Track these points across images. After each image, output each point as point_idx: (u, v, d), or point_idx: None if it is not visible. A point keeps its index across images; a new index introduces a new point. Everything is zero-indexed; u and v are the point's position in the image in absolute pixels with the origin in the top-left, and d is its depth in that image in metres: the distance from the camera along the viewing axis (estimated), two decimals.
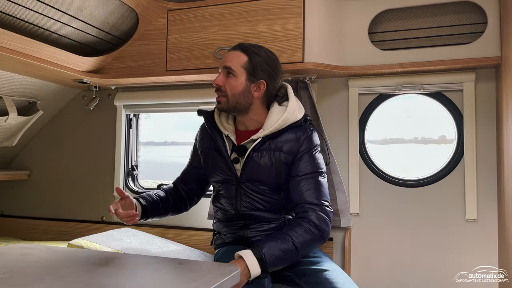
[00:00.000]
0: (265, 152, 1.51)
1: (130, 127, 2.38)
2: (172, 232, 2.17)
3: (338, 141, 1.96)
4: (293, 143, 1.51)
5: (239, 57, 1.50)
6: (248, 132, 1.56)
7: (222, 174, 1.57)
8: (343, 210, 1.87)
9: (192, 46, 1.96)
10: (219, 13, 1.92)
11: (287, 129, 1.52)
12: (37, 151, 2.52)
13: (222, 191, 1.60)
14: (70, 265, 1.20)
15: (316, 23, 1.79)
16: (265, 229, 1.55)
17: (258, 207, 1.54)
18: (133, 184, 2.37)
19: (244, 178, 1.53)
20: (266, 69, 1.51)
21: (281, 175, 1.51)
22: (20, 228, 2.48)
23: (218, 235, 1.67)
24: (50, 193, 2.48)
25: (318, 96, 1.98)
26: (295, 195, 1.49)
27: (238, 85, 1.49)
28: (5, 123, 2.02)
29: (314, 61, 1.78)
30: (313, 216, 1.43)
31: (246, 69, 1.49)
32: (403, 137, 2.06)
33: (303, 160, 1.51)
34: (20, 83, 2.02)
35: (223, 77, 1.52)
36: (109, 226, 2.28)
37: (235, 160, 1.54)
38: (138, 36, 2.05)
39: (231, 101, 1.50)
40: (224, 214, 1.61)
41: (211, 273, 1.14)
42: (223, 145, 1.55)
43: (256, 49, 1.52)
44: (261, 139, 1.50)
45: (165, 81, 2.11)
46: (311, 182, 1.48)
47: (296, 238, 1.38)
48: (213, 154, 1.58)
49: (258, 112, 1.55)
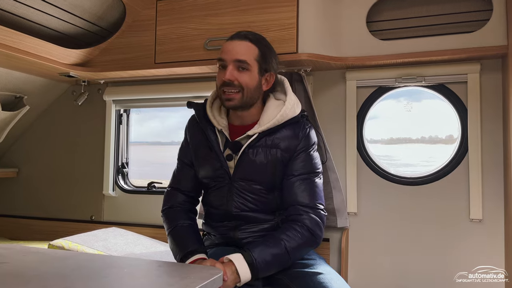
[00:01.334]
0: (261, 149, 1.40)
1: (120, 123, 2.30)
2: (162, 232, 2.07)
3: (335, 137, 1.86)
4: (291, 140, 1.41)
5: (251, 48, 1.38)
6: (243, 127, 1.45)
7: (213, 171, 1.44)
8: (339, 209, 1.77)
9: (182, 37, 1.87)
10: (210, 2, 1.83)
11: (284, 125, 1.42)
12: (26, 148, 2.45)
13: (213, 190, 1.48)
14: (41, 267, 1.12)
15: (311, 11, 1.70)
16: (257, 230, 1.45)
17: (250, 207, 1.43)
18: (123, 182, 2.29)
19: (237, 176, 1.42)
20: (273, 60, 1.43)
21: (277, 173, 1.41)
22: (8, 227, 2.41)
23: (207, 235, 1.58)
24: (39, 191, 2.40)
25: (313, 90, 1.89)
26: (289, 195, 1.40)
27: (253, 79, 1.38)
28: None
29: (308, 51, 1.68)
30: (307, 219, 1.35)
31: (258, 62, 1.39)
32: (410, 137, 1.97)
33: (300, 159, 1.41)
34: (3, 77, 1.95)
35: (234, 71, 1.37)
36: (98, 226, 2.21)
37: (228, 157, 1.43)
38: (126, 28, 1.97)
39: (246, 97, 1.38)
40: (214, 214, 1.49)
41: (190, 277, 1.06)
42: (215, 141, 1.43)
43: (261, 39, 1.43)
44: (257, 135, 1.40)
45: (154, 75, 2.02)
46: (306, 183, 1.39)
47: (288, 242, 1.30)
48: (204, 150, 1.46)
49: (258, 106, 1.46)
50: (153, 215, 2.15)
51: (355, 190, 1.83)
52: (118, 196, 2.25)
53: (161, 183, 2.23)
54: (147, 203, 2.18)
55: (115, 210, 2.24)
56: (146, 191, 2.22)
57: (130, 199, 2.22)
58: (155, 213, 2.14)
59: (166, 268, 1.15)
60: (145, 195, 2.21)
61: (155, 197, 2.17)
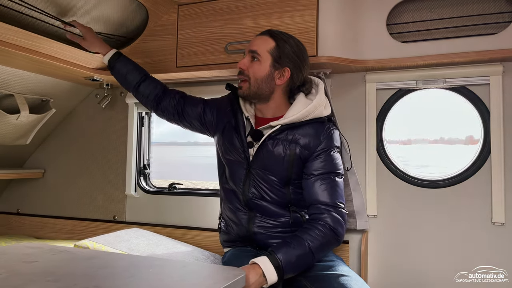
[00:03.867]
0: (280, 142, 1.45)
1: (142, 125, 2.35)
2: (182, 232, 2.12)
3: (355, 139, 1.86)
4: (312, 138, 1.45)
5: (267, 41, 1.47)
6: (266, 119, 1.52)
7: (236, 154, 1.52)
8: (359, 212, 1.77)
9: (203, 41, 1.90)
10: (231, 6, 1.85)
11: (309, 123, 1.46)
12: (51, 150, 2.52)
13: (232, 172, 1.54)
14: (69, 266, 1.16)
15: (331, 15, 1.70)
16: (271, 224, 1.49)
17: (264, 197, 1.48)
18: (144, 183, 2.33)
19: (255, 164, 1.48)
20: (293, 57, 1.46)
21: (293, 169, 1.46)
22: (35, 226, 2.49)
23: (224, 224, 1.62)
24: (64, 192, 2.47)
25: (333, 92, 1.90)
26: (310, 195, 1.43)
27: (262, 70, 1.45)
28: (17, 121, 2.02)
29: (328, 54, 1.69)
30: (328, 218, 1.37)
31: (272, 55, 1.45)
32: (428, 137, 1.95)
33: (320, 159, 1.44)
34: (32, 81, 2.02)
35: (247, 60, 1.48)
36: (121, 226, 2.26)
37: (250, 144, 1.50)
38: (148, 32, 2.01)
39: (253, 86, 1.47)
40: (231, 197, 1.55)
41: (214, 277, 1.09)
42: (242, 125, 1.51)
43: (285, 36, 1.49)
44: (280, 127, 1.45)
45: (176, 78, 2.06)
46: (327, 182, 1.42)
47: (311, 242, 1.32)
48: (232, 132, 1.54)
49: (278, 102, 1.51)
50: (173, 215, 2.20)
51: (375, 193, 1.82)
52: (140, 197, 2.29)
53: (181, 184, 2.27)
54: (168, 204, 2.23)
55: (137, 210, 2.29)
56: (167, 192, 2.26)
57: (151, 200, 2.27)
58: (176, 213, 2.20)
59: (190, 268, 1.18)
60: (166, 196, 2.25)
61: (175, 198, 2.21)
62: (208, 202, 2.13)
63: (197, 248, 1.87)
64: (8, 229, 2.54)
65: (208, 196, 2.14)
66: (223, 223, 1.64)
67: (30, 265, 1.13)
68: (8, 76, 1.90)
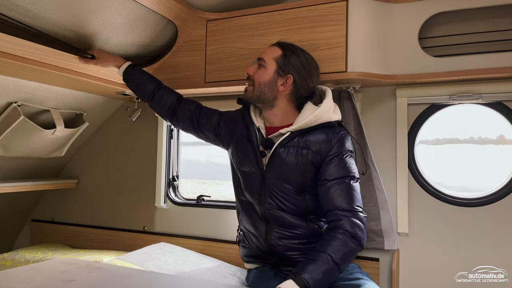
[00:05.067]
0: (292, 148, 1.46)
1: (171, 137, 2.39)
2: (210, 245, 2.14)
3: (384, 155, 1.83)
4: (323, 144, 1.45)
5: (274, 50, 1.54)
6: (276, 128, 1.54)
7: (250, 165, 1.54)
8: (387, 231, 1.73)
9: (231, 56, 1.91)
10: (259, 22, 1.86)
11: (318, 128, 1.47)
12: (84, 161, 2.60)
13: (247, 183, 1.56)
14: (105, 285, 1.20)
15: (360, 29, 1.68)
16: (289, 235, 1.48)
17: (281, 206, 1.48)
18: (173, 194, 2.37)
19: (268, 173, 1.49)
20: (298, 66, 1.51)
21: (307, 175, 1.45)
22: (68, 234, 2.57)
23: (243, 236, 1.63)
24: (96, 202, 2.54)
25: (362, 107, 1.87)
26: (326, 201, 1.42)
27: (265, 75, 1.51)
28: (53, 135, 2.10)
29: (358, 70, 1.67)
30: (347, 223, 1.36)
31: (276, 62, 1.51)
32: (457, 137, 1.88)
33: (333, 164, 1.44)
34: (67, 96, 2.09)
35: (254, 67, 1.57)
36: (150, 236, 2.31)
37: (262, 154, 1.52)
38: (177, 48, 2.04)
39: (256, 90, 1.53)
40: (248, 209, 1.56)
41: None
42: (254, 136, 1.54)
43: (293, 47, 1.55)
44: (290, 134, 1.46)
45: (204, 93, 2.09)
46: (343, 187, 1.41)
47: (334, 254, 1.31)
48: (245, 144, 1.57)
49: (284, 109, 1.53)
50: (201, 227, 2.22)
51: (406, 210, 1.78)
52: (169, 208, 2.33)
53: (209, 196, 2.29)
54: (196, 216, 2.25)
55: (166, 222, 2.33)
56: (195, 204, 2.28)
57: (180, 211, 2.30)
58: (204, 225, 2.22)
59: None
60: (195, 208, 2.27)
61: (204, 210, 2.24)
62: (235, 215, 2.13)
63: (223, 263, 1.88)
64: (43, 236, 2.63)
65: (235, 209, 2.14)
66: (241, 236, 1.65)
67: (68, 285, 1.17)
68: (44, 93, 1.98)
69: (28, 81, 1.84)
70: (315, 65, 1.57)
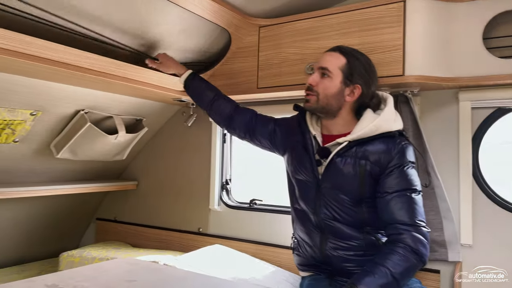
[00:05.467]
0: (349, 158, 1.42)
1: (224, 142, 2.44)
2: (262, 248, 2.16)
3: (446, 162, 1.73)
4: (383, 154, 1.39)
5: (338, 58, 1.47)
6: (333, 136, 1.50)
7: (306, 173, 1.51)
8: (451, 242, 1.64)
9: (283, 62, 1.92)
10: (311, 26, 1.85)
11: (378, 138, 1.41)
12: (143, 164, 2.73)
13: (302, 192, 1.54)
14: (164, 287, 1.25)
15: (419, 31, 1.61)
16: (344, 247, 1.44)
17: (336, 217, 1.44)
18: (227, 197, 2.42)
19: (324, 183, 1.46)
20: (363, 74, 1.45)
21: (365, 187, 1.40)
22: (128, 233, 2.71)
23: (297, 244, 1.61)
24: (154, 203, 2.66)
25: (421, 111, 1.79)
26: (386, 214, 1.37)
27: (332, 86, 1.45)
28: (115, 140, 2.23)
29: (416, 73, 1.60)
30: (408, 238, 1.30)
31: (342, 71, 1.45)
32: None
33: (393, 176, 1.37)
34: (128, 103, 2.21)
35: (317, 77, 1.49)
36: (205, 238, 2.38)
37: (318, 163, 1.48)
38: (231, 55, 2.08)
39: (321, 101, 1.47)
40: (303, 217, 1.54)
41: None
42: (310, 144, 1.51)
43: (355, 53, 1.48)
44: (348, 143, 1.42)
45: (256, 98, 2.11)
46: (404, 200, 1.35)
47: (393, 268, 1.26)
48: (301, 151, 1.54)
49: (345, 118, 1.49)
50: (254, 231, 2.24)
51: (470, 220, 1.68)
52: (222, 211, 2.38)
53: (261, 200, 2.31)
54: (249, 219, 2.28)
55: (220, 224, 2.38)
56: (248, 207, 2.31)
57: (233, 214, 2.35)
58: (256, 229, 2.24)
59: None
60: (247, 211, 2.30)
61: (256, 214, 2.26)
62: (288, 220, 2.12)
63: (278, 269, 1.89)
64: (107, 234, 2.81)
65: (287, 214, 2.14)
66: (295, 243, 1.64)
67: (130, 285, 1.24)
68: (108, 101, 2.11)
69: (93, 90, 1.97)
70: (375, 68, 1.52)
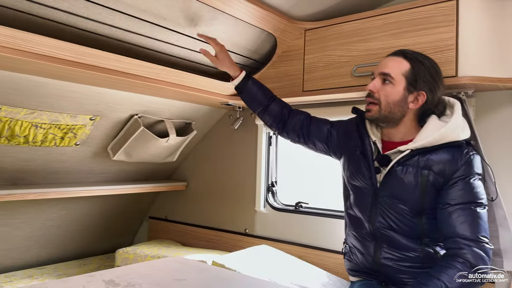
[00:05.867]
0: (411, 168, 1.36)
1: (270, 144, 2.46)
2: (308, 252, 2.16)
3: (503, 167, 1.63)
4: (448, 164, 1.32)
5: (401, 63, 1.38)
6: (394, 143, 1.44)
7: (362, 180, 1.47)
8: (507, 250, 1.55)
9: (329, 65, 1.91)
10: (358, 28, 1.82)
11: (443, 147, 1.34)
12: (192, 166, 2.83)
13: (358, 199, 1.50)
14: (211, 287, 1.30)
15: (473, 30, 1.54)
16: (400, 257, 1.39)
17: (393, 227, 1.39)
18: (272, 199, 2.44)
19: (382, 191, 1.41)
20: (429, 80, 1.37)
21: (426, 198, 1.34)
22: (178, 232, 2.82)
23: (349, 250, 1.58)
24: (203, 203, 2.75)
25: (476, 113, 1.70)
26: (446, 227, 1.30)
27: (394, 93, 1.38)
28: (166, 143, 2.33)
29: (470, 74, 1.53)
30: (469, 253, 1.24)
31: (406, 77, 1.37)
32: None
33: (458, 188, 1.30)
34: (178, 108, 2.30)
35: (378, 83, 1.41)
36: (251, 239, 2.42)
37: (377, 170, 1.43)
38: (277, 58, 2.10)
39: (384, 110, 1.40)
40: (356, 224, 1.50)
41: None
42: (370, 150, 1.46)
43: (420, 57, 1.40)
44: (410, 152, 1.36)
45: (302, 101, 2.11)
46: (467, 213, 1.28)
47: (449, 283, 1.21)
48: (358, 156, 1.49)
49: (408, 125, 1.42)
50: (300, 233, 2.25)
51: None
52: (268, 213, 2.41)
53: (307, 204, 2.31)
54: (294, 222, 2.29)
55: (265, 226, 2.41)
56: (294, 210, 2.32)
57: (279, 217, 2.36)
58: (302, 232, 2.24)
59: None
60: (293, 214, 2.31)
61: (302, 217, 2.26)
62: (334, 224, 2.12)
63: (324, 272, 1.88)
64: (158, 232, 2.94)
65: (333, 218, 2.13)
66: (347, 249, 1.61)
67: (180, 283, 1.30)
68: (159, 106, 2.21)
69: (146, 95, 2.08)
70: (441, 72, 1.41)
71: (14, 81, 1.63)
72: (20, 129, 1.82)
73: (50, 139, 1.96)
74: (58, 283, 1.29)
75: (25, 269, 2.36)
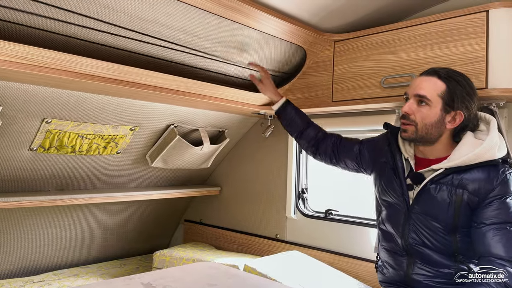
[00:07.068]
0: (445, 186, 1.35)
1: (301, 152, 2.51)
2: (339, 259, 2.19)
3: None
4: (483, 183, 1.31)
5: (436, 84, 1.36)
6: (427, 160, 1.44)
7: (394, 196, 1.48)
8: None
9: (358, 76, 1.93)
10: (387, 40, 1.84)
11: (478, 166, 1.33)
12: (225, 171, 2.93)
13: (390, 215, 1.51)
14: None
15: (504, 41, 1.52)
16: (433, 274, 1.39)
17: (426, 243, 1.39)
18: (303, 206, 2.49)
19: (415, 209, 1.41)
20: (465, 98, 1.35)
21: (460, 216, 1.34)
22: (212, 235, 2.93)
23: (382, 264, 1.59)
24: (235, 208, 2.84)
25: (508, 125, 1.67)
26: (480, 246, 1.30)
27: (431, 115, 1.37)
28: (201, 151, 2.44)
29: (501, 86, 1.51)
30: (503, 273, 1.23)
31: (442, 98, 1.35)
32: None
33: (493, 207, 1.30)
34: (211, 117, 2.40)
35: (413, 105, 1.39)
36: (282, 244, 2.48)
37: (409, 187, 1.44)
38: (306, 69, 2.15)
39: (421, 131, 1.39)
40: (389, 239, 1.52)
41: None
42: (401, 167, 1.47)
43: (454, 75, 1.38)
44: (444, 170, 1.36)
45: (331, 111, 2.15)
46: (502, 233, 1.27)
47: None
48: (389, 173, 1.51)
49: (444, 143, 1.42)
50: (330, 240, 2.28)
51: None
52: (299, 219, 2.46)
53: (337, 211, 2.34)
54: (324, 229, 2.32)
55: (296, 232, 2.46)
56: (324, 217, 2.36)
57: (309, 223, 2.41)
58: (332, 239, 2.27)
59: None
60: (323, 221, 2.35)
61: (332, 224, 2.29)
62: (364, 232, 2.14)
63: (355, 281, 1.90)
64: (193, 235, 3.06)
65: (364, 226, 2.15)
66: (380, 261, 1.61)
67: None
68: (194, 115, 2.32)
69: (181, 107, 2.19)
70: (475, 90, 1.40)
71: (62, 97, 1.78)
72: (68, 140, 1.98)
73: (94, 149, 2.11)
74: (100, 284, 1.41)
75: (71, 268, 2.55)
